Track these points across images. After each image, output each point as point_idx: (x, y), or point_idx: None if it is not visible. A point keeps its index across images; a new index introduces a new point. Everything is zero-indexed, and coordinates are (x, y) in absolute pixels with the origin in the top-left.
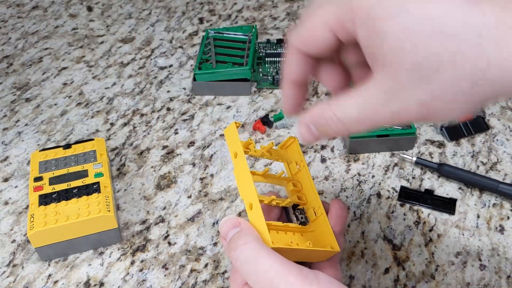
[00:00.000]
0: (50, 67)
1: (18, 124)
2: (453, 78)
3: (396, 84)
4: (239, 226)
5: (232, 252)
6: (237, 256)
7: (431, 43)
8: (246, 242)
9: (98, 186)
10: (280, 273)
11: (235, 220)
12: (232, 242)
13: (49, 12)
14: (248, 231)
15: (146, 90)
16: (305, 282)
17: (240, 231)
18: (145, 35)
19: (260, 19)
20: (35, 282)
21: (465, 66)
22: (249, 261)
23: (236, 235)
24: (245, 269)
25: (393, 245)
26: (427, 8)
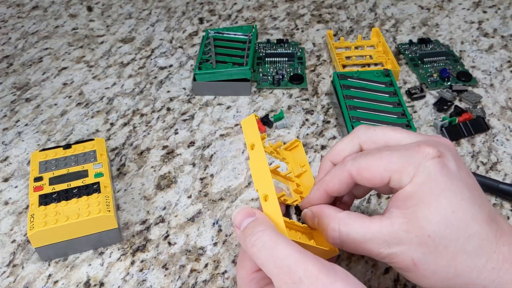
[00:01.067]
0: (50, 67)
1: (18, 124)
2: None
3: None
4: (254, 215)
5: (248, 238)
6: (254, 242)
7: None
8: (264, 230)
9: (98, 186)
10: (298, 260)
11: (250, 210)
12: (248, 229)
13: (49, 12)
14: (265, 220)
15: (146, 90)
16: (323, 271)
17: (256, 220)
18: (145, 35)
19: (260, 19)
20: (35, 282)
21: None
22: (267, 248)
23: (252, 223)
24: (262, 256)
25: None
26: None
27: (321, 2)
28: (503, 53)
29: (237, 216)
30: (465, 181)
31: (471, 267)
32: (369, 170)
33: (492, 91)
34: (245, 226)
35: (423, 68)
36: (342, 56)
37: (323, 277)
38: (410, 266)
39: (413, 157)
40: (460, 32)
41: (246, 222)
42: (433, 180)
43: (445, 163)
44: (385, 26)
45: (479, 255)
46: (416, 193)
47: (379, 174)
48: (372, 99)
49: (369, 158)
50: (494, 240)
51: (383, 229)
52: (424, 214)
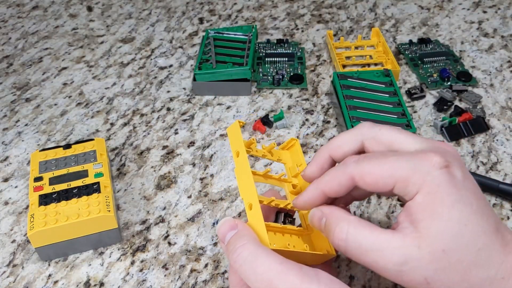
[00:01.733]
0: (50, 67)
1: (18, 124)
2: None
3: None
4: (236, 227)
5: (230, 255)
6: (235, 259)
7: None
8: (244, 244)
9: (98, 186)
10: (280, 272)
11: (232, 222)
12: (230, 244)
13: (49, 12)
14: (245, 232)
15: (146, 90)
16: (305, 280)
17: (237, 233)
18: (145, 35)
19: (260, 19)
20: (35, 282)
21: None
22: (248, 263)
23: (234, 237)
24: (244, 271)
25: None
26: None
27: (321, 2)
28: (503, 53)
29: (220, 228)
30: (472, 191)
31: (484, 279)
32: (373, 175)
33: (492, 91)
34: (228, 241)
35: (423, 68)
36: (342, 56)
37: (306, 285)
38: (423, 285)
39: (420, 165)
40: (460, 32)
41: (229, 236)
42: (443, 192)
43: (453, 173)
44: (385, 26)
45: (490, 266)
46: (428, 205)
47: (383, 180)
48: (372, 99)
49: (374, 162)
50: (501, 250)
51: (394, 242)
52: (437, 228)
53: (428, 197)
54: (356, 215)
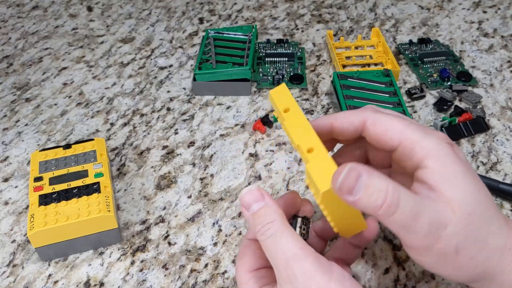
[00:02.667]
0: (50, 67)
1: (18, 124)
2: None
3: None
4: (263, 200)
5: (258, 227)
6: (263, 231)
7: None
8: (274, 221)
9: (98, 186)
10: (297, 256)
11: (258, 193)
12: (259, 217)
13: (49, 12)
14: (274, 208)
15: (146, 90)
16: (319, 270)
17: (267, 207)
18: (145, 35)
19: (260, 19)
20: (35, 282)
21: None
22: (273, 238)
23: (264, 211)
24: (268, 244)
25: (393, 245)
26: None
27: (321, 2)
28: (503, 53)
29: (246, 197)
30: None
31: (498, 249)
32: (384, 126)
33: (492, 91)
34: (256, 212)
35: (423, 68)
36: (342, 56)
37: (318, 275)
38: (451, 254)
39: (429, 135)
40: (460, 32)
41: (256, 206)
42: (452, 162)
43: (456, 150)
44: (385, 26)
45: (501, 236)
46: (443, 172)
47: (392, 132)
48: (372, 99)
49: (389, 117)
50: (505, 222)
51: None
52: (459, 193)
53: (440, 164)
54: None
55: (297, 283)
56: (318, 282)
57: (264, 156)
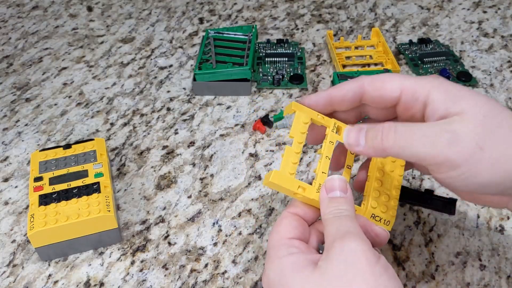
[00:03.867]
0: (50, 67)
1: (18, 124)
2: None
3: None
4: (346, 192)
5: (331, 208)
6: (333, 211)
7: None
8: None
9: (98, 186)
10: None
11: (346, 185)
12: (336, 202)
13: (49, 12)
14: (352, 203)
15: (146, 90)
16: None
17: (347, 198)
18: (145, 35)
19: (260, 19)
20: (35, 282)
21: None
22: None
23: (343, 200)
24: (331, 221)
25: (393, 245)
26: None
27: (321, 2)
28: (503, 53)
29: (332, 182)
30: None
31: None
32: (382, 81)
33: (492, 91)
34: (335, 198)
35: (423, 68)
36: (342, 56)
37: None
38: (476, 152)
39: (425, 77)
40: (460, 32)
41: (337, 193)
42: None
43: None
44: (385, 26)
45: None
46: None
47: (391, 85)
48: None
49: (385, 74)
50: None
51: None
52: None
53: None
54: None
55: (347, 256)
56: (366, 260)
57: (264, 156)
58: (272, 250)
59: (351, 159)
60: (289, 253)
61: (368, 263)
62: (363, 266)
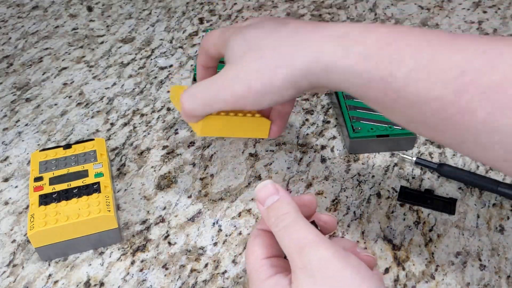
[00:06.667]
0: (50, 67)
1: (18, 124)
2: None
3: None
4: (277, 194)
5: (272, 219)
6: (277, 223)
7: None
8: (288, 212)
9: (98, 186)
10: (312, 243)
11: (273, 188)
12: (273, 209)
13: (49, 12)
14: (288, 200)
15: (146, 90)
16: (335, 255)
17: (281, 200)
18: (145, 35)
19: None
20: (35, 282)
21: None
22: (287, 228)
23: (278, 204)
24: (282, 234)
25: (393, 245)
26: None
27: (321, 2)
28: None
29: (261, 192)
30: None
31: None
32: (207, 42)
33: None
34: (269, 206)
35: None
36: None
37: (335, 261)
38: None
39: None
40: (460, 32)
41: (270, 200)
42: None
43: (240, 25)
44: None
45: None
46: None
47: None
48: None
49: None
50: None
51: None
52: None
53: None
54: (356, 216)
55: (313, 270)
56: (334, 268)
57: (264, 156)
58: (252, 274)
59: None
60: (269, 276)
61: (336, 271)
62: (333, 276)
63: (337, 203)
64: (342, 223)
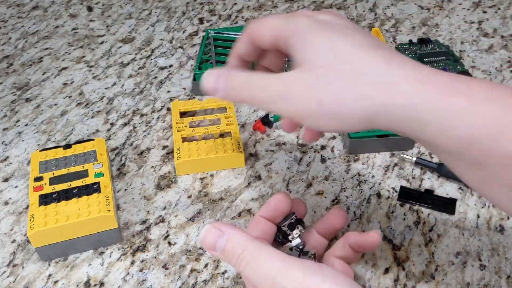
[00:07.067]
0: (50, 67)
1: (18, 124)
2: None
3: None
4: (223, 234)
5: (233, 261)
6: (239, 264)
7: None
8: (245, 249)
9: (98, 186)
10: (282, 269)
11: (215, 230)
12: (229, 253)
13: (49, 12)
14: (237, 235)
15: (146, 90)
16: (307, 274)
17: (230, 239)
18: (145, 35)
19: None
20: (35, 282)
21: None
22: (250, 265)
23: (230, 245)
24: (248, 273)
25: (393, 245)
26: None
27: (321, 2)
28: (503, 53)
29: (207, 240)
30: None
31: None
32: (260, 29)
33: None
34: (224, 249)
35: None
36: None
37: (310, 279)
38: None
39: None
40: (460, 32)
41: (220, 243)
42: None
43: (317, 17)
44: (385, 26)
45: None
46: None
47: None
48: None
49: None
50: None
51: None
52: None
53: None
54: (356, 216)
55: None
56: (311, 286)
57: (264, 156)
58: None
59: None
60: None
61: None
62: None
63: (337, 203)
64: None
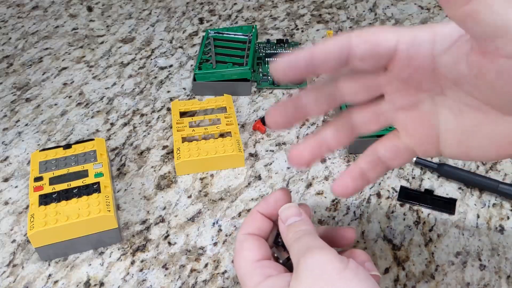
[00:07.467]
0: (50, 67)
1: (18, 124)
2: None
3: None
4: (300, 216)
5: (291, 234)
6: (293, 237)
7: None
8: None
9: (98, 186)
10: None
11: (297, 210)
12: (293, 226)
13: (49, 12)
14: (308, 223)
15: (146, 90)
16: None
17: (302, 221)
18: (145, 35)
19: (260, 19)
20: (35, 282)
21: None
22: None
23: (298, 223)
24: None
25: (393, 245)
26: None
27: (321, 2)
28: None
29: (286, 212)
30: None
31: None
32: (374, 32)
33: None
34: (291, 224)
35: None
36: None
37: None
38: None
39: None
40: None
41: (291, 220)
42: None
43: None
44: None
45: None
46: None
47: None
48: None
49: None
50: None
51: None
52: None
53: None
54: (356, 216)
55: (313, 270)
56: (333, 269)
57: (264, 156)
58: (246, 278)
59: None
60: (264, 278)
61: (335, 271)
62: (331, 275)
63: (337, 203)
64: (342, 223)
